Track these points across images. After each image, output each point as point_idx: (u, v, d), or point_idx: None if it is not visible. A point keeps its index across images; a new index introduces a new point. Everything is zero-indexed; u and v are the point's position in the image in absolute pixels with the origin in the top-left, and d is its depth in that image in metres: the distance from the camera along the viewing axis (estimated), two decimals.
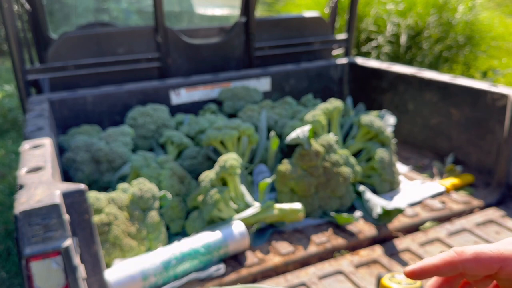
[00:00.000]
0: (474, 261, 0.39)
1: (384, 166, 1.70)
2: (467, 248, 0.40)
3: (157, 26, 2.14)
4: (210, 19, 5.39)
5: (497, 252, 0.39)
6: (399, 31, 4.37)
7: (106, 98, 2.01)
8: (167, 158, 1.64)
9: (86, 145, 1.69)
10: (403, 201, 1.67)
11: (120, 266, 1.21)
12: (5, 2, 1.74)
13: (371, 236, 1.48)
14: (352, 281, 1.27)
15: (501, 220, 1.56)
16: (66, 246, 0.84)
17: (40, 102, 1.79)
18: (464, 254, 0.39)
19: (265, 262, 1.34)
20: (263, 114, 1.94)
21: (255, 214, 1.46)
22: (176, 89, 2.14)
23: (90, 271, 0.98)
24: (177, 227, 1.50)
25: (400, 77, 2.22)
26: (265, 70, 2.35)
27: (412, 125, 2.19)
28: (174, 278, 1.26)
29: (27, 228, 0.84)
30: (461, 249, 0.40)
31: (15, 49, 1.82)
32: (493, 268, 0.39)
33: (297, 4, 5.49)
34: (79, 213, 0.94)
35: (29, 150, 1.20)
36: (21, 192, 0.94)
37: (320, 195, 1.58)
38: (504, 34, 4.64)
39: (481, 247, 0.40)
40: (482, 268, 0.39)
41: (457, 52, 4.34)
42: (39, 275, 0.83)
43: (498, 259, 0.39)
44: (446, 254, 0.41)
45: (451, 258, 0.40)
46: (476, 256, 0.39)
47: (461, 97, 1.91)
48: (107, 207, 1.29)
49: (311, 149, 1.58)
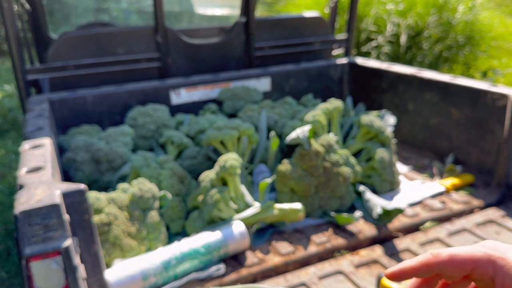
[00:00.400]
0: (448, 262, 0.42)
1: (384, 166, 1.70)
2: (442, 251, 0.43)
3: (157, 26, 2.14)
4: (210, 19, 5.39)
5: (470, 254, 0.41)
6: (399, 31, 4.37)
7: (106, 98, 2.01)
8: (167, 158, 1.64)
9: (86, 145, 1.69)
10: (403, 201, 1.67)
11: (120, 266, 1.22)
12: (5, 2, 1.74)
13: (371, 236, 1.48)
14: (352, 281, 1.27)
15: (501, 220, 1.56)
16: (66, 246, 0.84)
17: (40, 102, 1.79)
18: (439, 256, 0.42)
19: (265, 262, 1.34)
20: (263, 114, 1.95)
21: (255, 214, 1.46)
22: (176, 89, 2.14)
23: (90, 271, 0.98)
24: (177, 227, 1.50)
25: (400, 77, 2.22)
26: (265, 70, 2.35)
27: (412, 125, 2.19)
28: (174, 278, 1.26)
29: (27, 228, 0.84)
30: (437, 251, 0.43)
31: (15, 49, 1.82)
32: (466, 269, 0.41)
33: (297, 4, 5.49)
34: (79, 213, 0.94)
35: (29, 150, 1.20)
36: (21, 192, 0.94)
37: (320, 195, 1.58)
38: (504, 34, 4.64)
39: (456, 249, 0.42)
40: (456, 269, 0.41)
41: (457, 52, 4.35)
42: (39, 275, 0.83)
43: (470, 260, 0.41)
44: (423, 256, 0.43)
45: (427, 260, 0.42)
46: (450, 258, 0.42)
47: (461, 97, 1.91)
48: (107, 207, 1.29)
49: (311, 149, 1.58)
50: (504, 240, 1.44)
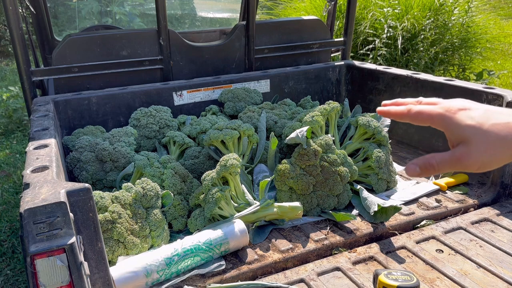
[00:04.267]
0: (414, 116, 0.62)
1: (381, 165, 1.74)
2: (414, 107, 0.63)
3: (159, 29, 2.17)
4: (212, 22, 5.43)
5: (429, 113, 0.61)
6: (395, 34, 4.40)
7: (110, 99, 2.04)
8: (170, 158, 1.68)
9: (90, 145, 1.72)
10: (399, 200, 1.70)
11: (124, 263, 1.24)
12: (10, 4, 1.76)
13: (368, 234, 1.52)
14: (350, 278, 1.29)
15: (496, 218, 1.59)
16: (70, 244, 0.85)
17: (45, 103, 1.82)
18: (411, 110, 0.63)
19: (264, 259, 1.37)
20: (263, 115, 1.98)
21: (255, 212, 1.49)
22: (178, 91, 2.18)
23: (94, 268, 0.99)
24: (179, 225, 1.53)
25: (396, 78, 2.25)
26: (265, 72, 2.39)
27: (408, 125, 2.22)
28: (177, 274, 1.30)
29: (32, 226, 0.84)
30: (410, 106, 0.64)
31: (20, 50, 1.85)
32: (426, 123, 0.61)
33: (296, 8, 5.53)
34: (83, 211, 0.95)
35: (35, 150, 1.22)
36: (26, 191, 0.94)
37: (318, 193, 1.62)
38: (499, 36, 4.68)
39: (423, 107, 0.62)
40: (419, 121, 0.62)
41: (452, 54, 4.38)
42: (43, 273, 0.83)
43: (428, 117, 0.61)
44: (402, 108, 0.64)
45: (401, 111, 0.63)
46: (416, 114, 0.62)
47: (457, 98, 1.94)
48: (111, 206, 1.33)
49: (309, 148, 1.62)
50: (499, 239, 1.47)
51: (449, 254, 1.40)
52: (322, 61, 2.68)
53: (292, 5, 5.70)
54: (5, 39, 7.53)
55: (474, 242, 1.46)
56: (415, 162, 0.61)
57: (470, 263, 1.35)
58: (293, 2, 5.73)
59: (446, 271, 1.31)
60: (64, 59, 2.03)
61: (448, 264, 1.34)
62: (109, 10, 4.96)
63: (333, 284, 1.26)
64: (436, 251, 1.42)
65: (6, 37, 7.46)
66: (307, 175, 1.61)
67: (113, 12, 4.98)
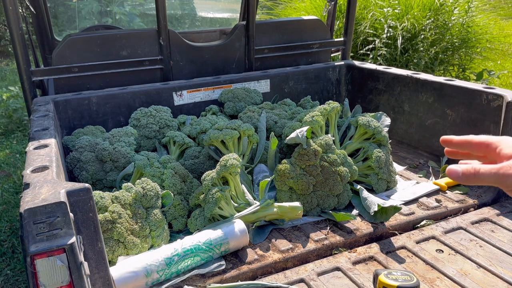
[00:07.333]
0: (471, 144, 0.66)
1: (381, 165, 1.74)
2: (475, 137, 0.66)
3: (159, 29, 2.17)
4: (212, 22, 5.43)
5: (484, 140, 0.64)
6: (395, 34, 4.41)
7: (110, 99, 2.04)
8: (170, 158, 1.68)
9: (90, 145, 1.72)
10: (399, 200, 1.70)
11: (124, 263, 1.24)
12: (10, 4, 1.77)
13: (368, 234, 1.52)
14: (350, 278, 1.29)
15: (496, 218, 1.59)
16: (70, 244, 0.85)
17: (45, 103, 1.82)
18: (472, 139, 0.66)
19: (264, 259, 1.37)
20: (263, 115, 1.98)
21: (255, 212, 1.49)
22: (178, 91, 2.18)
23: (94, 268, 0.99)
24: (179, 225, 1.53)
25: (396, 78, 2.26)
26: (265, 72, 2.39)
27: (408, 125, 2.22)
28: (177, 274, 1.30)
29: (32, 226, 0.84)
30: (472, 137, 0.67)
31: (20, 50, 1.85)
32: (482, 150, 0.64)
33: (296, 8, 5.53)
34: (83, 211, 0.95)
35: (35, 150, 1.22)
36: (26, 191, 0.94)
37: (318, 193, 1.62)
38: (499, 36, 4.68)
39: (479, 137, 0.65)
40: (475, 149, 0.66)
41: (452, 54, 4.39)
42: (43, 273, 0.83)
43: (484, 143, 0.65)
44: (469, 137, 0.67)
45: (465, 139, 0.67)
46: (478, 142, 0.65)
47: (457, 98, 1.94)
48: (111, 206, 1.33)
49: (309, 148, 1.62)
50: (499, 239, 1.47)
51: (449, 254, 1.40)
52: (322, 61, 2.69)
53: (292, 5, 5.70)
54: (5, 39, 7.53)
55: (474, 242, 1.46)
56: (459, 166, 0.61)
57: (470, 263, 1.35)
58: (293, 2, 5.74)
59: (446, 271, 1.31)
60: (64, 59, 2.03)
61: (448, 264, 1.34)
62: (109, 10, 4.97)
63: (333, 284, 1.26)
64: (436, 251, 1.42)
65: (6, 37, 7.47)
66: (307, 175, 1.61)
67: (113, 12, 4.98)
